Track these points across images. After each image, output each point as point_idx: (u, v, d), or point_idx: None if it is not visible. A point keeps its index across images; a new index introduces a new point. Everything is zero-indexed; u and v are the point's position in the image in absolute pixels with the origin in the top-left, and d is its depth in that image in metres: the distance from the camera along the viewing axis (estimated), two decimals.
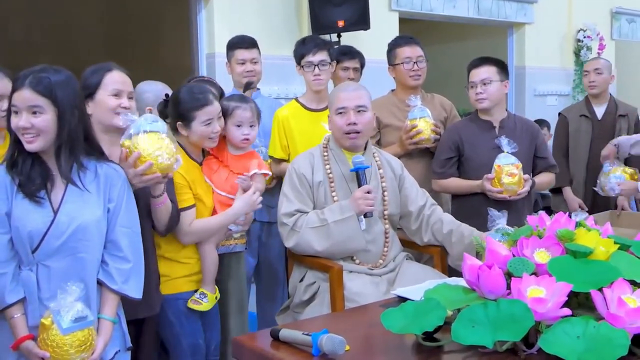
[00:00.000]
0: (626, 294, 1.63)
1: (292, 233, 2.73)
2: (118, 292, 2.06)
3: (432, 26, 7.18)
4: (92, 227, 2.00)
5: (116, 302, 2.08)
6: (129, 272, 2.07)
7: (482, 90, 3.25)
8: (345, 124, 2.75)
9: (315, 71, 3.32)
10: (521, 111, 6.40)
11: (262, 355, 1.83)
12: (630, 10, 7.57)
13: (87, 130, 2.05)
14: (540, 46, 6.72)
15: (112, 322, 2.06)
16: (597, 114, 4.44)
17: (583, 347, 1.54)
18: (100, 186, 2.04)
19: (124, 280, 2.06)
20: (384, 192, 2.82)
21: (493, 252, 1.83)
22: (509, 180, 3.07)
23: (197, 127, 2.54)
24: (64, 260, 1.98)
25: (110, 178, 2.07)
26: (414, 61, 3.46)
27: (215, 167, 2.66)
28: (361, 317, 2.14)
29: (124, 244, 2.07)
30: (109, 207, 2.06)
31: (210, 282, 2.60)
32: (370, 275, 2.73)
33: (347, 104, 2.76)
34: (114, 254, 2.06)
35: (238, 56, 3.49)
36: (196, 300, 2.55)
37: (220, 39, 3.63)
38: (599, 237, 1.84)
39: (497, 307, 1.66)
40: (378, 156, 2.90)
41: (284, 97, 4.68)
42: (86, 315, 1.92)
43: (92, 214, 2.01)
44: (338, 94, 2.81)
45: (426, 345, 1.76)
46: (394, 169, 2.93)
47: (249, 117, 2.69)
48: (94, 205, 2.02)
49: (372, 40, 5.00)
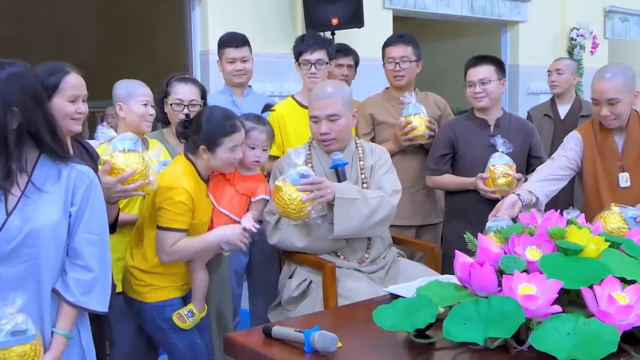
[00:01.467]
0: (616, 291, 1.65)
1: (274, 230, 2.75)
2: (75, 304, 1.87)
3: (426, 24, 7.19)
4: (47, 232, 1.82)
5: (72, 316, 1.89)
6: (91, 283, 1.89)
7: (481, 89, 3.25)
8: (317, 132, 2.77)
9: (311, 69, 3.31)
10: (514, 109, 6.41)
11: (255, 352, 1.84)
12: (624, 9, 7.59)
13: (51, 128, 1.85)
14: (534, 44, 6.73)
15: (66, 337, 1.88)
16: (560, 114, 4.51)
17: (573, 344, 1.56)
18: (62, 189, 1.86)
19: (83, 291, 1.88)
20: (364, 183, 2.82)
21: (485, 249, 1.84)
22: (504, 181, 3.08)
23: (222, 154, 2.46)
24: (16, 268, 1.80)
25: (75, 180, 1.88)
26: (396, 62, 3.46)
27: (222, 185, 2.61)
28: (353, 315, 2.15)
29: (87, 252, 1.88)
30: (70, 212, 1.87)
31: (201, 300, 2.57)
32: (362, 272, 2.73)
33: (319, 113, 2.76)
34: (74, 263, 1.88)
35: (228, 55, 3.47)
36: (182, 317, 2.51)
37: (214, 37, 3.62)
38: (589, 234, 1.85)
39: (489, 304, 1.67)
40: (361, 146, 2.90)
41: (277, 95, 4.67)
42: (26, 329, 1.74)
43: (48, 218, 1.82)
44: (312, 101, 2.80)
45: (418, 342, 1.77)
46: (380, 156, 2.91)
47: (263, 140, 2.67)
48: (51, 209, 1.84)
49: (365, 38, 5.00)
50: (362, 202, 2.66)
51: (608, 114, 2.83)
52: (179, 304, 2.54)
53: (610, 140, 2.94)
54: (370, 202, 2.67)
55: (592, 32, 7.00)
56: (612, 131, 2.93)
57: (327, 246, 2.73)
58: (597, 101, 2.86)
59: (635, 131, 2.91)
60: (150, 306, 2.50)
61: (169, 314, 2.51)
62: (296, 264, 2.79)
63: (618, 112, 2.83)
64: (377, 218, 2.70)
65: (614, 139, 2.94)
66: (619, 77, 2.82)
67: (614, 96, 2.80)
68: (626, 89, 2.81)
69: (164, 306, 2.51)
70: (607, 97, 2.81)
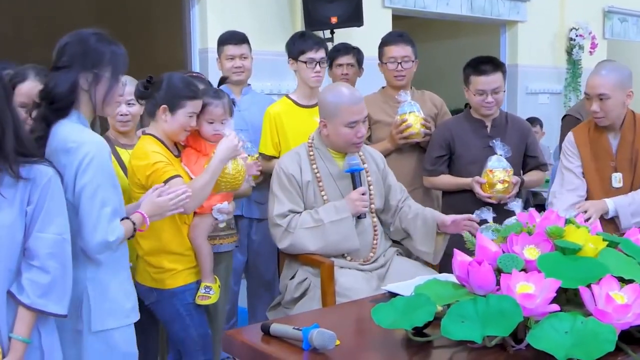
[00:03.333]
0: (614, 291, 1.65)
1: (286, 234, 2.72)
2: (30, 307, 1.79)
3: (425, 23, 7.19)
4: (1, 233, 1.77)
5: (30, 319, 1.81)
6: (48, 285, 1.81)
7: (492, 99, 3.24)
8: (355, 136, 2.76)
9: (316, 68, 3.31)
10: (513, 109, 6.42)
11: (253, 350, 1.84)
12: (623, 10, 7.60)
13: (6, 128, 1.78)
14: (533, 44, 6.74)
15: (24, 342, 1.80)
16: None
17: (571, 343, 1.56)
18: (18, 188, 1.79)
19: (40, 293, 1.80)
20: (370, 186, 2.83)
21: (483, 248, 1.84)
22: (501, 187, 3.09)
23: (181, 117, 2.52)
24: None
25: (32, 179, 1.81)
26: (398, 62, 3.46)
27: (194, 159, 2.65)
28: (352, 312, 2.15)
29: (43, 252, 1.81)
30: (26, 210, 1.81)
31: (209, 273, 2.60)
32: (361, 270, 2.73)
33: (359, 117, 2.76)
34: (29, 264, 1.81)
35: (227, 52, 3.47)
36: (203, 296, 2.56)
37: (213, 34, 3.62)
38: (588, 234, 1.86)
39: (487, 302, 1.67)
40: (362, 151, 2.91)
41: (276, 93, 4.67)
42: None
43: (2, 220, 1.77)
44: (347, 107, 2.75)
45: (416, 341, 1.77)
46: (377, 163, 2.95)
47: (220, 114, 2.68)
48: (5, 210, 1.77)
49: (365, 37, 4.99)
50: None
51: (597, 110, 2.85)
52: (196, 289, 2.58)
53: (605, 140, 2.95)
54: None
55: (591, 32, 7.02)
56: (606, 131, 2.94)
57: (340, 250, 2.74)
58: (589, 95, 2.90)
59: (629, 132, 2.92)
60: (170, 292, 2.53)
61: (189, 299, 2.55)
62: (297, 264, 2.79)
63: (607, 108, 2.84)
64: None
65: (608, 139, 2.95)
66: (613, 74, 2.84)
67: (604, 92, 2.82)
68: (618, 87, 2.83)
69: (184, 291, 2.55)
70: (597, 92, 2.84)
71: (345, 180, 2.79)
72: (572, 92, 7.02)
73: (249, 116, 3.48)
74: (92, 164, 1.96)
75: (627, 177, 2.91)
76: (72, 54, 2.03)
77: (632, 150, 2.90)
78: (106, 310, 2.04)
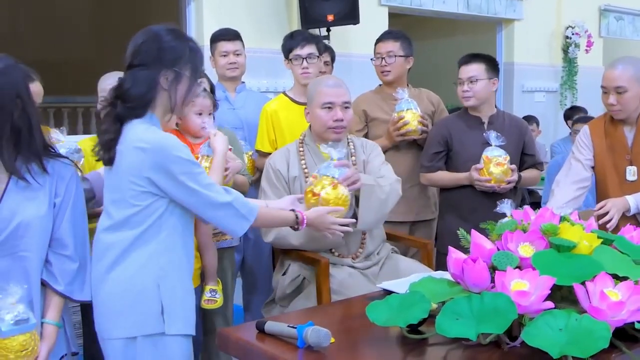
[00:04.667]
0: (608, 288, 1.66)
1: (270, 228, 2.73)
2: (62, 294, 1.92)
3: (422, 21, 7.20)
4: (36, 224, 1.86)
5: (61, 305, 1.94)
6: (75, 273, 1.93)
7: (468, 87, 3.26)
8: (331, 119, 2.75)
9: (303, 64, 3.32)
10: (509, 107, 6.43)
11: (248, 348, 1.83)
12: (619, 8, 7.61)
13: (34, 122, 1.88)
14: (529, 43, 6.74)
15: (57, 326, 1.93)
16: None
17: (565, 340, 1.56)
18: (46, 181, 1.90)
19: (69, 281, 1.92)
20: None
21: (478, 245, 1.84)
22: (498, 169, 3.11)
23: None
24: (5, 259, 1.84)
25: (58, 172, 1.92)
26: (382, 57, 3.47)
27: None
28: (347, 310, 2.15)
29: (70, 242, 1.92)
30: (55, 202, 1.91)
31: (214, 275, 2.59)
32: (356, 268, 2.73)
33: (335, 99, 2.76)
34: (59, 253, 1.92)
35: (221, 48, 3.47)
36: (210, 300, 2.54)
37: (209, 32, 3.62)
38: (582, 231, 1.86)
39: (481, 300, 1.67)
40: (352, 142, 2.90)
41: (272, 91, 4.67)
42: (28, 317, 1.77)
43: (36, 210, 1.87)
44: (322, 89, 2.79)
45: (410, 338, 1.77)
46: (369, 151, 2.92)
47: (208, 105, 2.66)
48: (38, 201, 1.88)
49: (361, 35, 5.00)
50: (379, 188, 2.68)
51: (615, 103, 2.88)
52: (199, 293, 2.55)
53: (620, 134, 2.97)
54: (384, 188, 2.70)
55: (587, 30, 7.02)
56: (622, 125, 2.97)
57: (323, 244, 2.72)
58: (606, 89, 2.92)
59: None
60: None
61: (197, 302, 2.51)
62: (290, 260, 2.79)
63: (624, 101, 2.87)
64: (389, 205, 2.74)
65: (624, 133, 2.97)
66: (630, 67, 2.88)
67: (622, 84, 2.85)
68: (635, 80, 2.86)
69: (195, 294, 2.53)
70: (615, 85, 2.86)
71: None
72: (568, 91, 7.03)
73: (244, 114, 3.48)
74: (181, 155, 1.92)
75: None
76: (148, 52, 1.95)
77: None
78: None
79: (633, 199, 2.86)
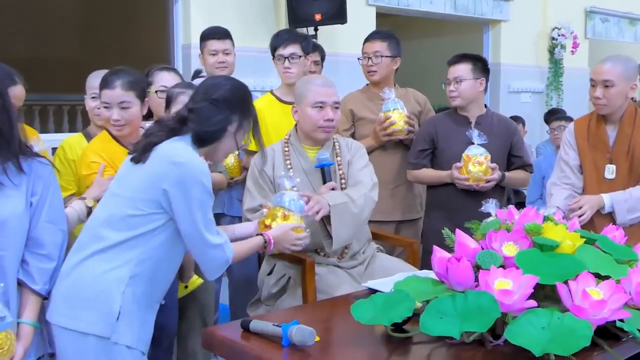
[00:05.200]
0: (590, 287, 1.67)
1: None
2: (39, 293, 1.90)
3: (409, 21, 7.21)
4: (12, 223, 1.84)
5: (38, 305, 1.92)
6: (52, 272, 1.92)
7: (454, 87, 3.28)
8: (322, 119, 2.75)
9: (285, 64, 3.32)
10: (495, 107, 6.45)
11: (233, 346, 1.84)
12: (604, 10, 7.67)
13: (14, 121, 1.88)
14: (516, 43, 6.78)
15: (34, 326, 1.90)
16: None
17: (548, 338, 1.57)
18: (23, 180, 1.88)
19: (46, 280, 1.91)
20: (342, 179, 2.83)
21: (462, 245, 1.85)
22: (476, 168, 3.13)
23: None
24: None
25: (35, 171, 1.91)
26: (369, 57, 3.48)
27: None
28: (331, 309, 2.15)
29: (48, 241, 1.91)
30: (31, 201, 1.89)
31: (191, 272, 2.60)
32: (342, 268, 2.74)
33: (326, 99, 2.75)
34: (36, 252, 1.90)
35: (210, 47, 3.46)
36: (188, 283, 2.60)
37: (197, 30, 3.61)
38: (565, 231, 1.88)
39: (465, 299, 1.68)
40: (338, 142, 2.90)
41: (260, 90, 4.66)
42: (4, 316, 1.75)
43: (13, 209, 1.85)
44: (313, 88, 2.79)
45: (395, 336, 1.78)
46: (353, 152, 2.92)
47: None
48: (15, 200, 1.86)
49: (348, 35, 5.01)
50: (351, 204, 2.67)
51: (601, 96, 2.93)
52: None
53: (603, 132, 3.00)
54: (357, 202, 2.68)
55: (573, 32, 7.07)
56: (605, 123, 3.00)
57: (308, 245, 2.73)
58: (594, 82, 2.96)
59: (628, 125, 2.98)
60: None
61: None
62: (275, 260, 2.78)
63: (610, 96, 2.91)
64: (365, 216, 2.72)
65: (606, 131, 3.00)
66: (619, 63, 2.93)
67: (610, 78, 2.90)
68: (623, 77, 2.91)
69: None
70: (603, 78, 2.91)
71: (317, 175, 2.79)
72: (554, 92, 7.08)
73: None
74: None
75: (621, 169, 2.97)
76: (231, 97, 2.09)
77: (629, 143, 2.96)
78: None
79: (608, 198, 2.90)
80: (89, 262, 1.92)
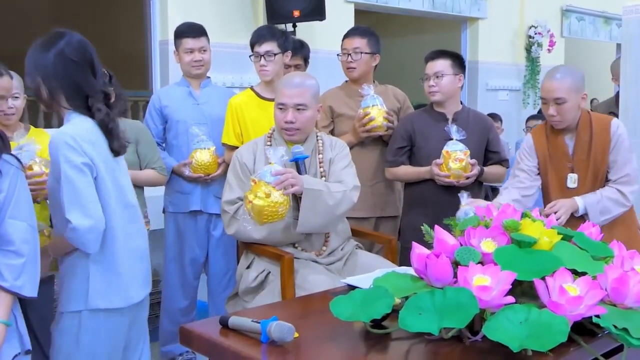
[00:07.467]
0: (567, 283, 1.68)
1: (232, 221, 2.73)
2: (9, 290, 1.86)
3: (388, 19, 7.23)
4: None
5: (9, 303, 1.88)
6: (22, 268, 1.89)
7: (434, 83, 3.30)
8: (282, 120, 2.76)
9: (261, 62, 3.30)
10: (473, 105, 6.50)
11: (211, 343, 1.82)
12: (580, 9, 7.76)
13: None
14: (493, 41, 6.83)
15: (6, 325, 1.87)
16: None
17: (525, 334, 1.58)
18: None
19: (15, 277, 1.87)
20: (322, 177, 2.83)
21: (441, 241, 1.86)
22: (456, 165, 3.15)
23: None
24: None
25: (1, 168, 1.87)
26: (348, 53, 3.48)
27: None
28: (310, 305, 2.15)
29: (16, 237, 1.88)
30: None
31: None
32: (320, 264, 2.74)
33: (287, 101, 2.75)
34: (4, 249, 1.87)
35: (185, 45, 3.41)
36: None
37: (174, 26, 3.57)
38: (543, 227, 1.89)
39: (444, 295, 1.68)
40: (322, 139, 2.90)
41: (238, 87, 4.64)
42: None
43: None
44: (281, 89, 2.79)
45: (374, 333, 1.78)
46: (337, 151, 2.92)
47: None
48: None
49: (327, 31, 5.00)
50: (327, 194, 2.65)
51: (554, 114, 2.90)
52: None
53: (561, 142, 3.00)
54: (334, 195, 2.67)
55: (550, 30, 7.14)
56: (562, 132, 3.00)
57: (284, 238, 2.73)
58: (545, 100, 2.93)
59: (585, 131, 2.97)
60: None
61: None
62: (254, 254, 2.78)
63: (564, 111, 2.89)
64: (339, 212, 2.70)
65: (564, 141, 3.00)
66: (567, 77, 2.89)
67: (561, 95, 2.86)
68: (573, 90, 2.88)
69: None
70: (554, 97, 2.88)
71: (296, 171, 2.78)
72: (531, 89, 7.15)
73: (208, 109, 3.45)
74: None
75: (582, 177, 2.97)
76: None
77: (589, 150, 2.96)
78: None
79: (582, 201, 2.91)
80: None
